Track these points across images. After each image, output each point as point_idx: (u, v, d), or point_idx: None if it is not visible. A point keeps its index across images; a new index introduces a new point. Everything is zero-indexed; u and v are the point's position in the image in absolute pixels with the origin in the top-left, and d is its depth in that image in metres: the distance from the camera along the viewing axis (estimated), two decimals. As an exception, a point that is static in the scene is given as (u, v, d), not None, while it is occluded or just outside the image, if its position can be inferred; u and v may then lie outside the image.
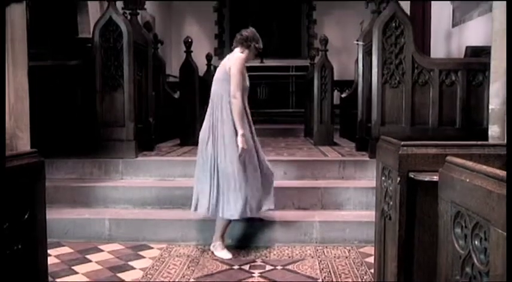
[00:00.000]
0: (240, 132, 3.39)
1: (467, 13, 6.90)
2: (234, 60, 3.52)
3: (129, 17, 5.47)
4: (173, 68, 10.20)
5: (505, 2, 3.59)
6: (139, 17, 6.06)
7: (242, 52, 3.58)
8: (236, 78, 3.42)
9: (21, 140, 3.60)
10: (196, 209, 3.56)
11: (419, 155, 2.06)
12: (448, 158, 1.60)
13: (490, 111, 3.77)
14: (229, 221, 3.58)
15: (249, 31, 3.63)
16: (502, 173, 1.22)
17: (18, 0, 3.64)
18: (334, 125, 6.41)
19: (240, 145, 3.38)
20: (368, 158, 4.68)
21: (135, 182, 4.58)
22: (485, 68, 4.27)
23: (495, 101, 3.71)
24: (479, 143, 2.09)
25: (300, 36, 13.18)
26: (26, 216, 1.83)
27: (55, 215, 3.74)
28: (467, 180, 1.39)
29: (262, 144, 3.85)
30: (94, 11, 7.71)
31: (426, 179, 1.98)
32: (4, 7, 3.48)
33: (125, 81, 4.74)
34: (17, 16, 3.66)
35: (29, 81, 3.72)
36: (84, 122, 4.81)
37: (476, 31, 6.39)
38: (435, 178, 1.71)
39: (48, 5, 7.67)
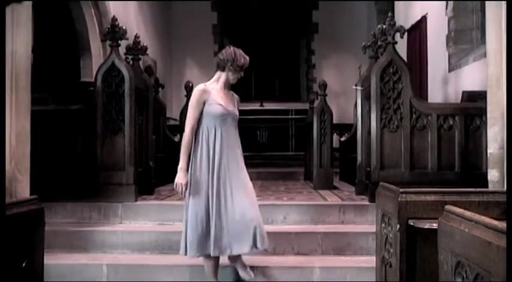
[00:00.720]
0: (179, 165, 3.22)
1: (463, 58, 7.05)
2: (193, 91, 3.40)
3: (131, 62, 5.57)
4: (173, 111, 10.30)
5: (498, 49, 3.68)
6: (141, 62, 6.17)
7: (218, 78, 3.41)
8: (189, 112, 3.30)
9: (20, 183, 3.60)
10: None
11: (418, 203, 2.06)
12: (447, 207, 1.61)
13: (488, 155, 3.79)
14: (214, 260, 3.38)
15: (224, 52, 3.43)
16: (501, 225, 1.23)
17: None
18: (333, 169, 6.41)
19: (175, 180, 3.24)
20: (368, 203, 4.66)
21: (134, 227, 4.54)
22: (482, 112, 4.31)
23: (493, 145, 3.74)
24: (477, 190, 2.09)
25: (299, 80, 13.40)
26: (24, 264, 1.82)
27: (52, 260, 3.69)
28: (466, 230, 1.39)
29: (262, 188, 3.84)
30: (97, 54, 7.87)
31: (426, 227, 1.98)
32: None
33: (126, 125, 4.78)
34: (22, 61, 3.74)
35: (31, 125, 3.76)
36: (84, 165, 4.82)
37: (472, 76, 6.50)
38: (435, 225, 1.71)
39: (52, 49, 7.85)
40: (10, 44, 3.65)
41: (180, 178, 3.20)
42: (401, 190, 2.09)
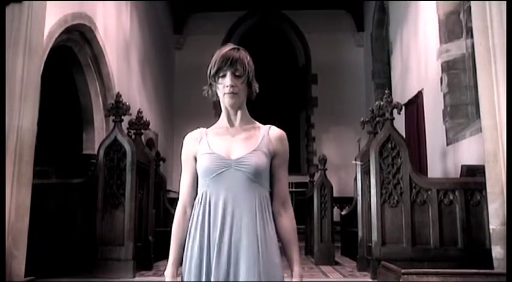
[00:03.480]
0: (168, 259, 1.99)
1: (460, 132, 7.15)
2: None
3: (133, 136, 5.66)
4: (174, 184, 10.30)
5: (493, 125, 3.76)
6: (143, 136, 6.26)
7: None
8: (181, 178, 2.11)
9: (16, 258, 3.55)
10: None
11: (421, 284, 2.03)
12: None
13: (491, 231, 3.75)
14: None
15: None
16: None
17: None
18: (334, 243, 6.33)
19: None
20: (370, 279, 4.56)
21: (131, 304, 4.42)
22: (482, 187, 4.32)
23: (495, 221, 3.71)
24: (481, 271, 2.07)
25: (299, 152, 13.51)
26: None
27: None
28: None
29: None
30: (99, 127, 7.99)
31: (430, 310, 1.93)
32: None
33: (126, 199, 4.79)
34: (26, 136, 3.80)
35: (31, 199, 3.77)
36: (83, 240, 4.77)
37: (470, 150, 6.57)
38: (439, 310, 1.68)
39: (56, 122, 7.99)
40: (17, 118, 3.74)
41: (167, 276, 1.94)
42: (402, 271, 2.07)
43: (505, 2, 3.54)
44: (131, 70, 9.48)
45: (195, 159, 2.06)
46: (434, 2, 7.50)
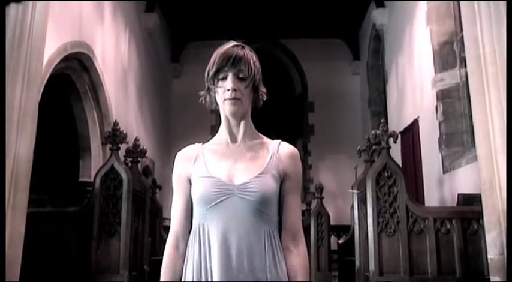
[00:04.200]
0: None
1: (456, 160, 7.17)
2: None
3: (130, 164, 5.66)
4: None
5: (488, 154, 3.77)
6: (139, 164, 6.26)
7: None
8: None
9: (9, 289, 3.50)
10: None
11: (419, 316, 2.01)
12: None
13: (489, 261, 3.73)
14: None
15: None
16: None
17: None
18: (332, 272, 6.27)
19: None
20: (368, 310, 4.51)
21: None
22: (479, 216, 4.31)
23: (493, 250, 3.69)
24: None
25: (296, 180, 13.49)
26: None
27: None
28: None
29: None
30: (96, 155, 7.99)
31: None
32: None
33: (122, 228, 4.75)
34: (22, 164, 3.80)
35: (26, 227, 3.74)
36: (78, 268, 4.70)
37: (466, 178, 6.57)
38: None
39: (53, 149, 7.99)
40: (13, 146, 3.74)
41: None
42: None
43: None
44: (129, 98, 9.54)
45: (190, 182, 1.69)
46: (428, 32, 7.63)
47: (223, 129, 1.72)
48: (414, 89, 8.61)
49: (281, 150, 1.70)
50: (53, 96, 6.57)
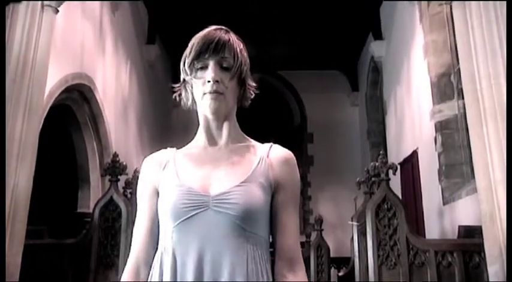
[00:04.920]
0: None
1: (456, 192, 7.15)
2: None
3: (129, 195, 5.64)
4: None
5: (488, 186, 3.77)
6: (139, 195, 6.23)
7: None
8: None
9: (4, 321, 3.45)
10: None
11: None
12: None
13: (492, 295, 3.69)
14: None
15: None
16: None
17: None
18: (332, 306, 6.18)
19: None
20: None
21: None
22: (480, 249, 4.28)
23: (496, 284, 3.66)
24: None
25: (296, 212, 13.41)
26: None
27: None
28: None
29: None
30: (95, 186, 7.96)
31: None
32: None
33: (120, 260, 4.69)
34: (21, 195, 3.79)
35: (22, 258, 3.71)
36: (74, 302, 4.65)
37: (467, 210, 6.54)
38: None
39: (51, 180, 7.96)
40: (13, 177, 3.74)
41: None
42: None
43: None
44: (129, 128, 9.57)
45: (157, 193, 1.35)
46: (426, 64, 7.72)
47: (201, 132, 1.40)
48: (413, 120, 8.65)
49: (272, 154, 1.40)
50: (53, 127, 6.60)
